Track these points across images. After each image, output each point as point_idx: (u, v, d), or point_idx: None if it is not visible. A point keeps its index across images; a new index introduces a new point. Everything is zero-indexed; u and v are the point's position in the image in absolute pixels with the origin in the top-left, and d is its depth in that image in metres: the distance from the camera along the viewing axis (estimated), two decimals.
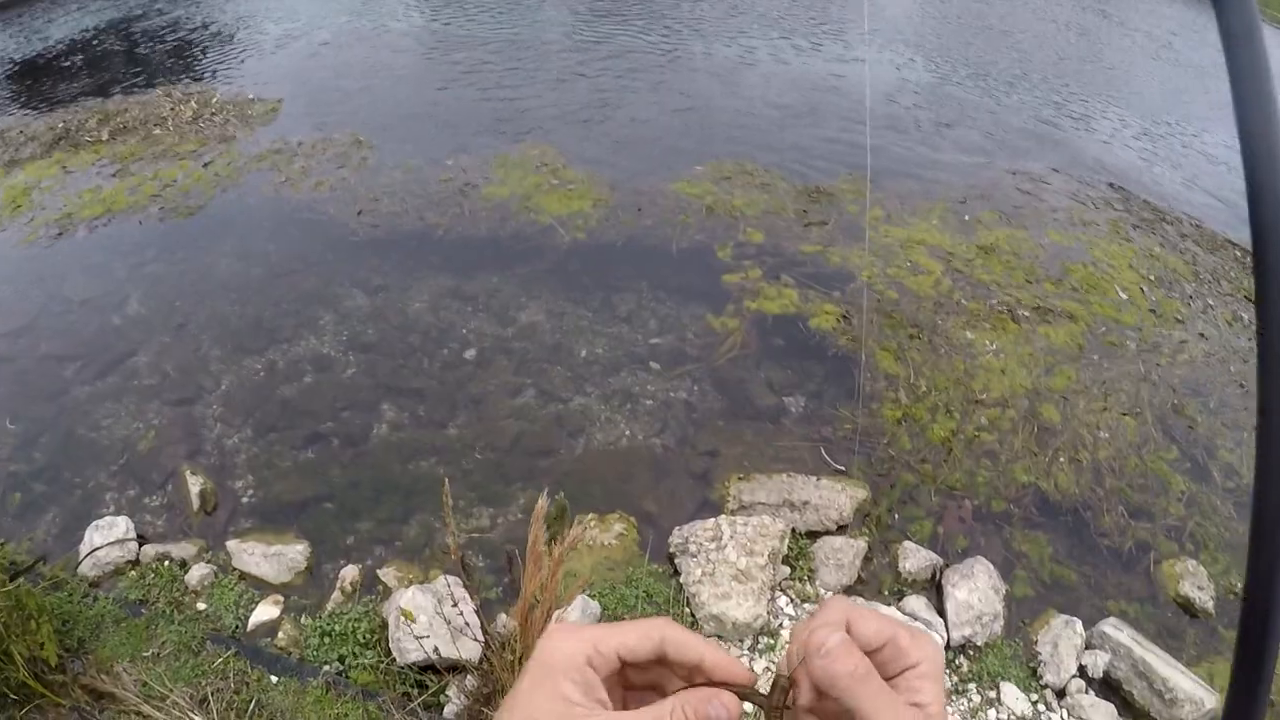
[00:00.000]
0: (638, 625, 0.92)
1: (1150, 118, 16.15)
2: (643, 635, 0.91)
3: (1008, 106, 14.89)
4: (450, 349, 7.82)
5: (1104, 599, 6.37)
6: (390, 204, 9.75)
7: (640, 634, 0.91)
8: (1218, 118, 16.63)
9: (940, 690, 0.89)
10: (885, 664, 0.89)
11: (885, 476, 6.90)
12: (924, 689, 0.88)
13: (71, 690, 4.94)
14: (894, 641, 0.89)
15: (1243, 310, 10.17)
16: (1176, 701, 5.46)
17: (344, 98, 12.80)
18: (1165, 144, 15.14)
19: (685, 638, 0.92)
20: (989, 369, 8.03)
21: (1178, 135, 15.68)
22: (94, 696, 4.97)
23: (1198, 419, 8.09)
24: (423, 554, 6.13)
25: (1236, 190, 13.47)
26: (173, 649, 5.29)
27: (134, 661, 5.19)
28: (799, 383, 7.67)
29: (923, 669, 0.88)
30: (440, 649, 4.94)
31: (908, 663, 0.88)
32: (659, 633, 0.91)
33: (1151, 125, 15.85)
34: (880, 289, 8.86)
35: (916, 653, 0.88)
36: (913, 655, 0.88)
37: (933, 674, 0.89)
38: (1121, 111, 16.06)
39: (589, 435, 7.12)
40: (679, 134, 12.01)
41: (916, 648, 0.89)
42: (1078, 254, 10.33)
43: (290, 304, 8.28)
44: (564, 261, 8.92)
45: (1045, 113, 15.00)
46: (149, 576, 5.79)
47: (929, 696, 0.87)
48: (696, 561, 5.81)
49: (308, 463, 6.80)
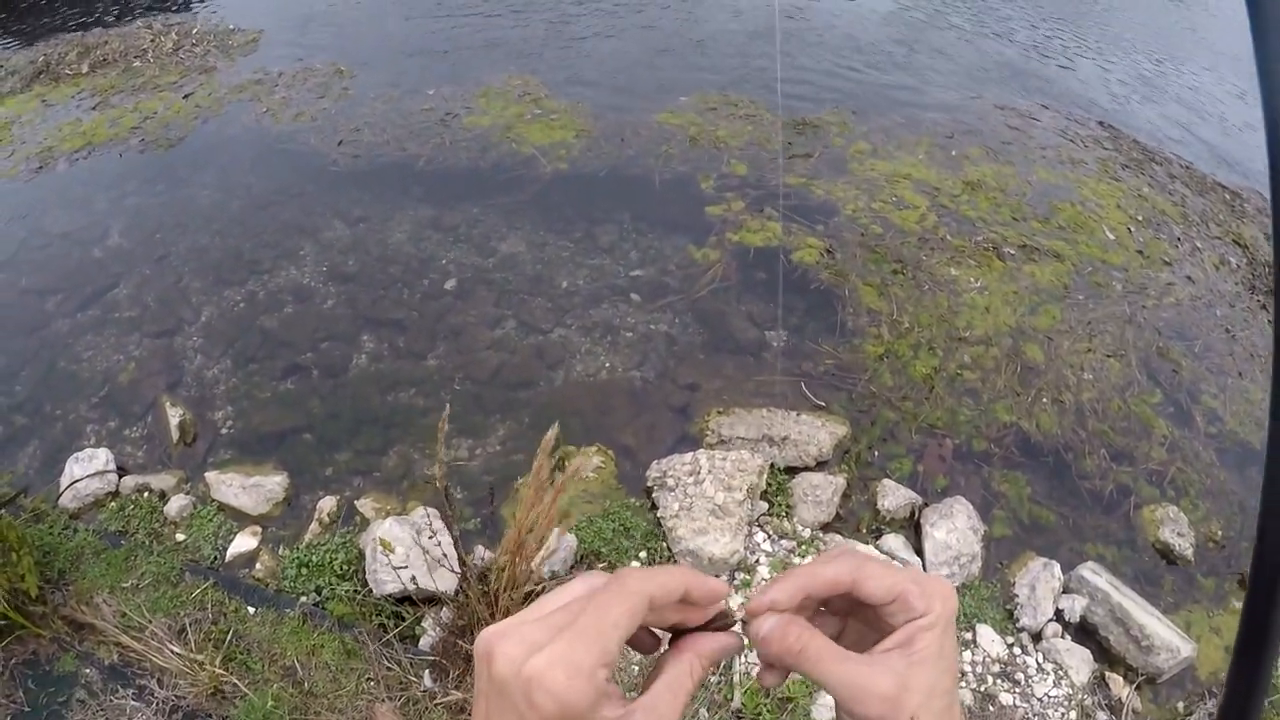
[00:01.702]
0: (619, 601, 0.80)
1: (1143, 57, 15.99)
2: (633, 611, 0.80)
3: (997, 41, 14.71)
4: (430, 280, 7.76)
5: (1083, 542, 6.37)
6: (371, 134, 9.64)
7: (630, 611, 0.80)
8: (1210, 59, 16.51)
9: (941, 639, 0.87)
10: (892, 615, 0.89)
11: (866, 413, 6.86)
12: (919, 639, 0.87)
13: (51, 621, 4.95)
14: (902, 596, 0.88)
15: (1230, 254, 10.12)
16: (1153, 649, 5.46)
17: (325, 28, 12.67)
18: (1157, 84, 15.00)
19: (663, 580, 0.85)
20: (973, 306, 7.97)
21: (1171, 76, 15.53)
22: (74, 627, 4.99)
23: (1182, 363, 8.05)
24: (401, 485, 6.13)
25: (1226, 133, 13.50)
26: (151, 580, 5.30)
27: (113, 592, 5.21)
28: (780, 316, 7.59)
29: (925, 620, 0.87)
30: (418, 580, 4.92)
31: (912, 615, 0.88)
32: (644, 599, 0.82)
33: (1144, 64, 15.70)
34: (864, 223, 8.77)
35: (922, 604, 0.87)
36: (918, 607, 0.88)
37: (936, 624, 0.87)
38: (1114, 49, 15.89)
39: (568, 367, 7.09)
40: (664, 65, 11.86)
41: (924, 599, 0.88)
42: (1065, 192, 10.24)
43: (271, 235, 8.22)
44: (545, 192, 8.82)
45: (1035, 48, 14.84)
46: (128, 508, 5.81)
47: (921, 644, 0.86)
48: (674, 495, 5.78)
49: (287, 394, 6.78)
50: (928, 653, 0.86)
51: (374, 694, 4.74)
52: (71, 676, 4.82)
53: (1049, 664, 5.45)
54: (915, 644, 0.86)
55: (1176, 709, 5.53)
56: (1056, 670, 5.42)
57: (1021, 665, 5.42)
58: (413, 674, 4.82)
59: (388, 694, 4.73)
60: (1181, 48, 16.85)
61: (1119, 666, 5.57)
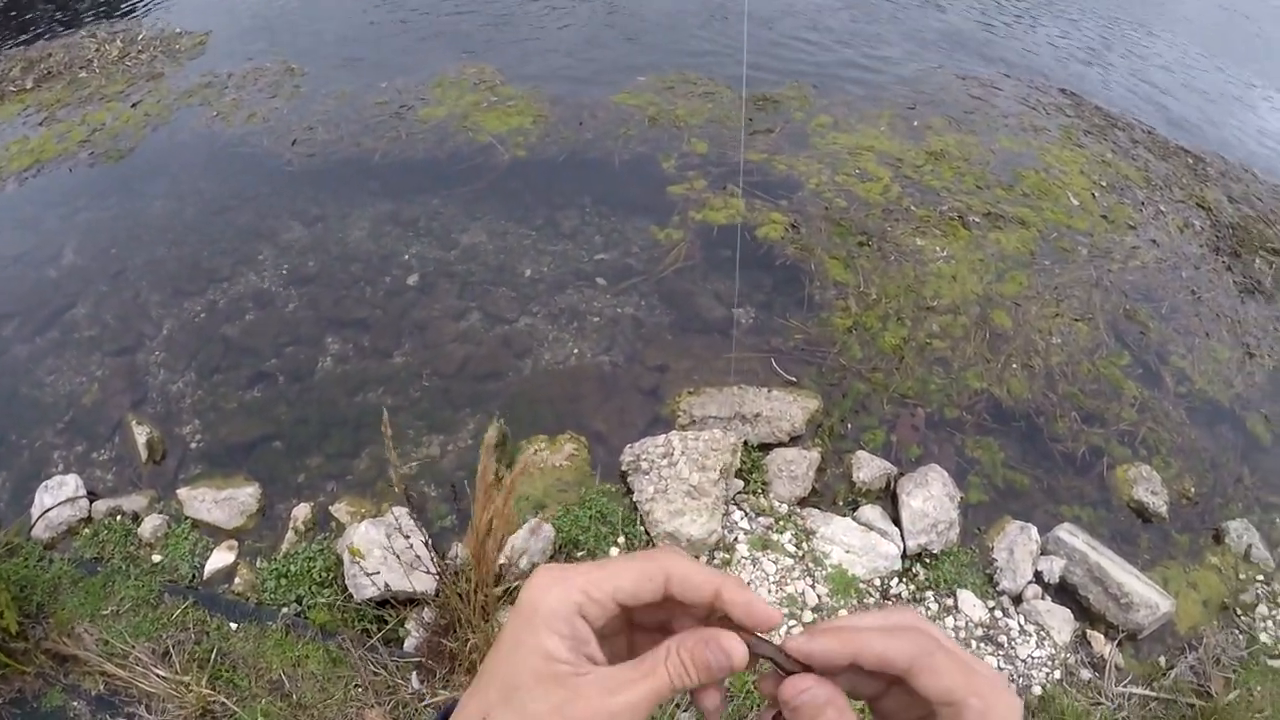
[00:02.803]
0: (637, 563, 0.81)
1: (1103, 23, 16.05)
2: (642, 575, 0.80)
3: (957, 12, 14.71)
4: (393, 276, 7.67)
5: (1058, 504, 6.40)
6: (325, 132, 9.51)
7: (639, 574, 0.80)
8: (1170, 25, 16.59)
9: None
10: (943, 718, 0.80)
11: (837, 386, 6.85)
12: None
13: (34, 657, 4.88)
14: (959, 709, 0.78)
15: (1194, 217, 10.17)
16: (1132, 606, 5.52)
17: (274, 25, 12.46)
18: (1119, 51, 15.05)
19: (693, 572, 0.82)
20: (940, 275, 7.96)
21: (1132, 42, 15.59)
22: (57, 660, 4.92)
23: (1150, 324, 8.08)
24: (374, 486, 6.07)
25: (1188, 98, 13.56)
26: (131, 604, 5.23)
27: (94, 621, 5.13)
28: (747, 293, 7.57)
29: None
30: (392, 584, 4.91)
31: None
32: (662, 571, 0.81)
33: (1106, 31, 15.76)
34: (828, 197, 8.75)
35: None
36: None
37: None
38: (1074, 17, 15.94)
39: (536, 356, 7.03)
40: (620, 46, 11.79)
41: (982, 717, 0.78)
42: (1029, 160, 10.26)
43: (228, 241, 8.09)
44: (505, 180, 8.73)
45: (996, 18, 14.85)
46: (102, 533, 5.71)
47: None
48: (649, 479, 5.75)
49: (254, 402, 6.68)
50: None
51: (362, 700, 4.70)
52: (59, 711, 4.74)
53: (1031, 625, 5.48)
54: None
55: (1158, 663, 5.57)
56: (1039, 631, 5.45)
57: (1004, 628, 5.44)
58: (399, 677, 4.78)
59: (376, 699, 4.69)
60: (1144, 15, 16.92)
61: (1100, 625, 5.62)
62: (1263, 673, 5.62)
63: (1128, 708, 5.20)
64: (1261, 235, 10.31)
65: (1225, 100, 14.61)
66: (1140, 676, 5.46)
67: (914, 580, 5.63)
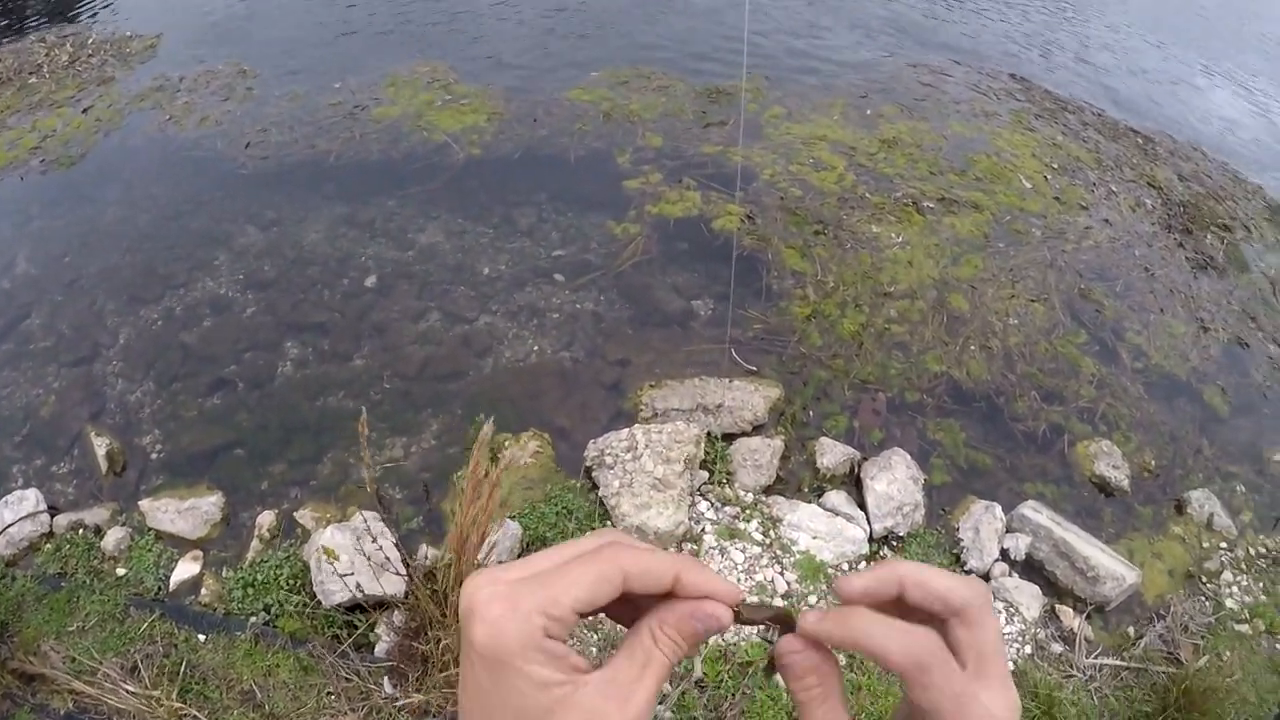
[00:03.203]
0: (589, 567, 0.77)
1: (1048, 8, 16.19)
2: (599, 579, 0.76)
3: (905, 1, 14.79)
4: (350, 278, 7.61)
5: (1021, 482, 6.46)
6: (279, 134, 9.42)
7: (595, 579, 0.76)
8: (1118, 8, 16.75)
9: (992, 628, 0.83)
10: None
11: (797, 374, 6.88)
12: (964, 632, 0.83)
13: (0, 677, 4.79)
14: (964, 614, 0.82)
15: (1145, 196, 10.29)
16: (1099, 579, 5.59)
17: (225, 27, 12.29)
18: (1064, 35, 15.18)
19: (649, 564, 0.79)
20: (896, 261, 8.01)
21: (1076, 26, 15.73)
22: (24, 680, 4.84)
23: (1105, 303, 8.17)
24: (338, 491, 6.00)
25: (1136, 79, 13.68)
26: (97, 619, 5.15)
27: (60, 638, 5.05)
28: (706, 285, 7.59)
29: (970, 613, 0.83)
30: (363, 586, 4.87)
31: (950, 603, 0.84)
32: (618, 571, 0.77)
33: (1049, 16, 15.89)
34: (783, 187, 8.79)
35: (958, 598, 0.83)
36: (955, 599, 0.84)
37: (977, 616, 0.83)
38: (1018, 3, 16.05)
39: (497, 354, 7.00)
40: (573, 41, 11.76)
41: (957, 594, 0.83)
42: (981, 145, 10.34)
43: (183, 247, 7.98)
44: (460, 178, 8.69)
45: (942, 5, 14.93)
46: (65, 548, 5.61)
47: None
48: (614, 473, 5.75)
49: (214, 410, 6.59)
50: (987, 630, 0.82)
51: (335, 707, 4.67)
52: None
53: (1000, 602, 5.54)
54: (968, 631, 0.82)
55: (1127, 634, 5.67)
56: (1008, 608, 5.51)
57: None
58: (372, 682, 4.75)
59: (349, 706, 4.66)
60: None
61: (1068, 598, 5.70)
62: (1231, 638, 5.73)
63: (1100, 679, 5.27)
64: (1212, 212, 10.43)
65: (1171, 81, 14.76)
66: (1110, 647, 5.54)
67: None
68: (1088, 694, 5.18)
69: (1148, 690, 5.25)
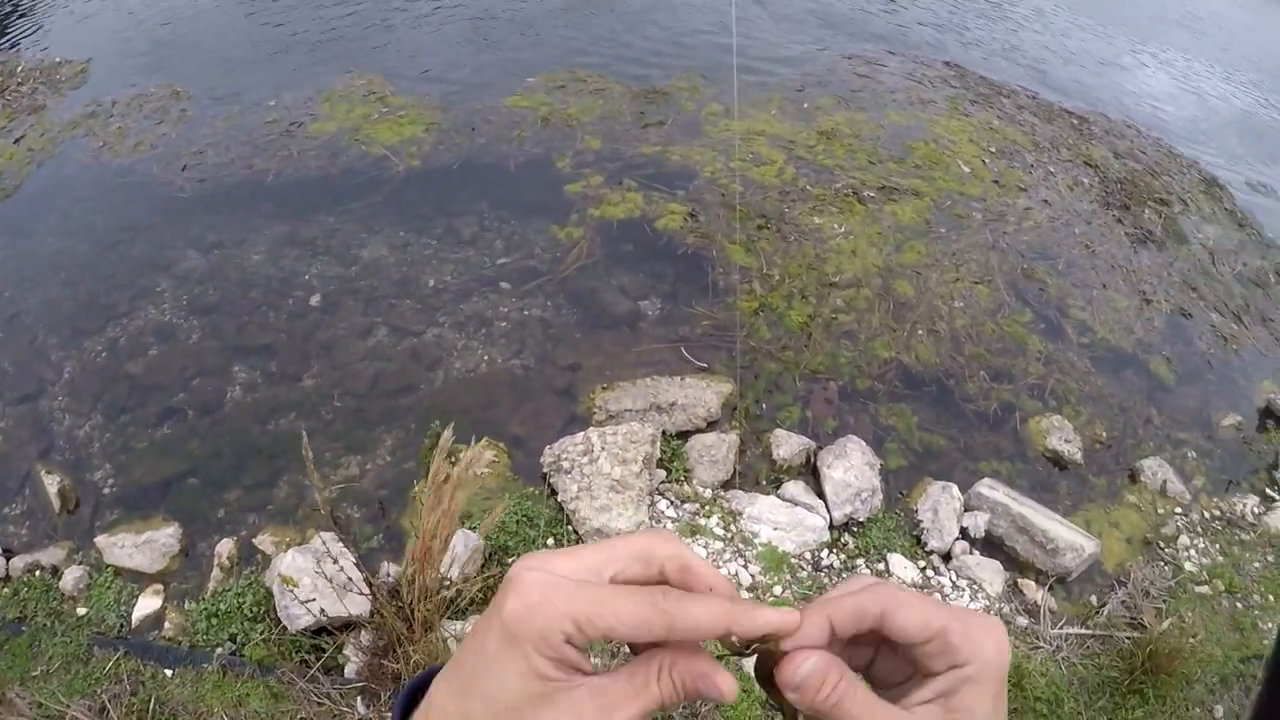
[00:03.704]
0: (640, 606, 0.73)
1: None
2: (642, 622, 0.73)
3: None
4: (295, 298, 7.53)
5: (976, 461, 6.53)
6: (215, 155, 9.29)
7: (639, 620, 0.73)
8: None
9: (986, 695, 0.77)
10: (932, 658, 0.77)
11: (748, 368, 6.89)
12: (963, 692, 0.76)
13: None
14: (943, 637, 0.76)
15: (1082, 175, 10.42)
16: (1059, 550, 5.67)
17: (155, 48, 12.10)
18: (994, 20, 15.35)
19: (700, 617, 0.74)
20: (840, 251, 8.05)
21: (1004, 12, 15.91)
22: None
23: (1048, 281, 8.26)
24: (296, 514, 5.92)
25: (1068, 61, 13.85)
26: (61, 662, 5.04)
27: (24, 684, 4.93)
28: (652, 285, 7.60)
29: (969, 671, 0.76)
30: (327, 609, 4.81)
31: (955, 661, 0.76)
32: (665, 621, 0.73)
33: (978, 3, 16.06)
34: (724, 183, 8.81)
35: (968, 650, 0.76)
36: (963, 653, 0.76)
37: (982, 679, 0.76)
38: None
39: (447, 366, 6.96)
40: (507, 48, 11.71)
41: (970, 645, 0.76)
42: (918, 132, 10.42)
43: (124, 275, 7.85)
44: (401, 191, 8.62)
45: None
46: (22, 591, 5.48)
47: (966, 701, 0.76)
48: (572, 478, 5.74)
49: (164, 440, 6.46)
50: (975, 713, 0.76)
51: None
52: None
53: (963, 580, 5.60)
54: (958, 698, 0.76)
55: (1090, 603, 5.76)
56: (971, 585, 5.57)
57: (937, 586, 5.55)
58: (345, 704, 4.70)
59: None
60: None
61: (1029, 572, 5.77)
62: (1191, 599, 5.83)
63: (1066, 648, 5.34)
64: (1149, 187, 10.58)
65: (1101, 61, 14.98)
66: (1075, 617, 5.62)
67: (844, 550, 5.69)
68: (1055, 664, 5.24)
69: (1114, 656, 5.32)
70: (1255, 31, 21.07)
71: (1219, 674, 5.38)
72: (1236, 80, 17.14)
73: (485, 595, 5.05)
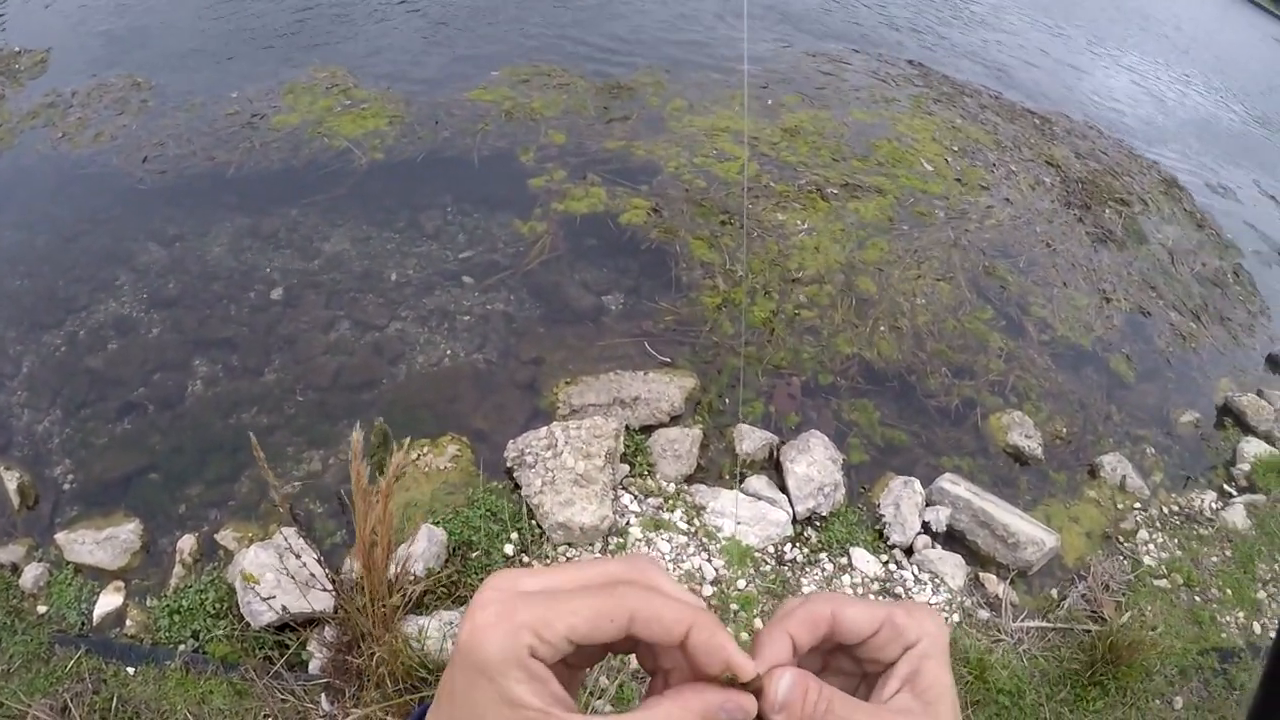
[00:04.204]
0: (596, 599, 0.72)
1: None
2: (601, 615, 0.71)
3: None
4: (256, 291, 7.46)
5: (938, 456, 6.58)
6: (176, 146, 9.18)
7: (597, 613, 0.71)
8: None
9: (943, 668, 0.79)
10: (883, 647, 0.79)
11: (711, 363, 6.90)
12: (924, 670, 0.78)
13: None
14: (889, 622, 0.79)
15: (1044, 175, 10.52)
16: (1019, 544, 5.73)
17: (117, 38, 11.90)
18: (961, 19, 15.44)
19: (659, 611, 0.72)
20: (803, 248, 8.08)
21: (968, 13, 16.00)
22: None
23: (1009, 278, 8.33)
24: (259, 509, 5.84)
25: (1031, 63, 13.95)
26: (22, 661, 4.95)
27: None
28: (615, 280, 7.61)
29: (922, 647, 0.78)
30: (289, 606, 4.78)
31: (907, 642, 0.79)
32: (625, 611, 0.71)
33: (942, 3, 16.15)
34: (688, 179, 8.83)
35: (915, 630, 0.79)
36: (911, 633, 0.78)
37: (934, 651, 0.79)
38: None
39: (409, 360, 6.92)
40: (471, 41, 11.69)
41: (914, 624, 0.79)
42: (882, 130, 10.48)
43: (83, 268, 7.73)
44: (364, 184, 8.57)
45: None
46: None
47: (930, 679, 0.77)
48: (535, 472, 5.72)
49: (125, 435, 6.36)
50: (940, 687, 0.77)
51: None
52: None
53: (925, 574, 5.64)
54: (922, 677, 0.77)
55: (1051, 596, 5.83)
56: (933, 579, 5.61)
57: (899, 580, 5.58)
58: (309, 700, 4.66)
59: None
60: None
61: (991, 566, 5.83)
62: (1150, 593, 5.92)
63: (1028, 641, 5.39)
64: (1109, 187, 10.69)
65: (1063, 62, 15.14)
66: (1035, 610, 5.68)
67: (807, 544, 5.71)
68: (1017, 656, 5.29)
69: (1075, 649, 5.38)
70: (1215, 34, 21.31)
71: (1178, 666, 5.46)
72: (1196, 82, 17.37)
73: (450, 590, 5.05)
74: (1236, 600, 6.09)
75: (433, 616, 4.83)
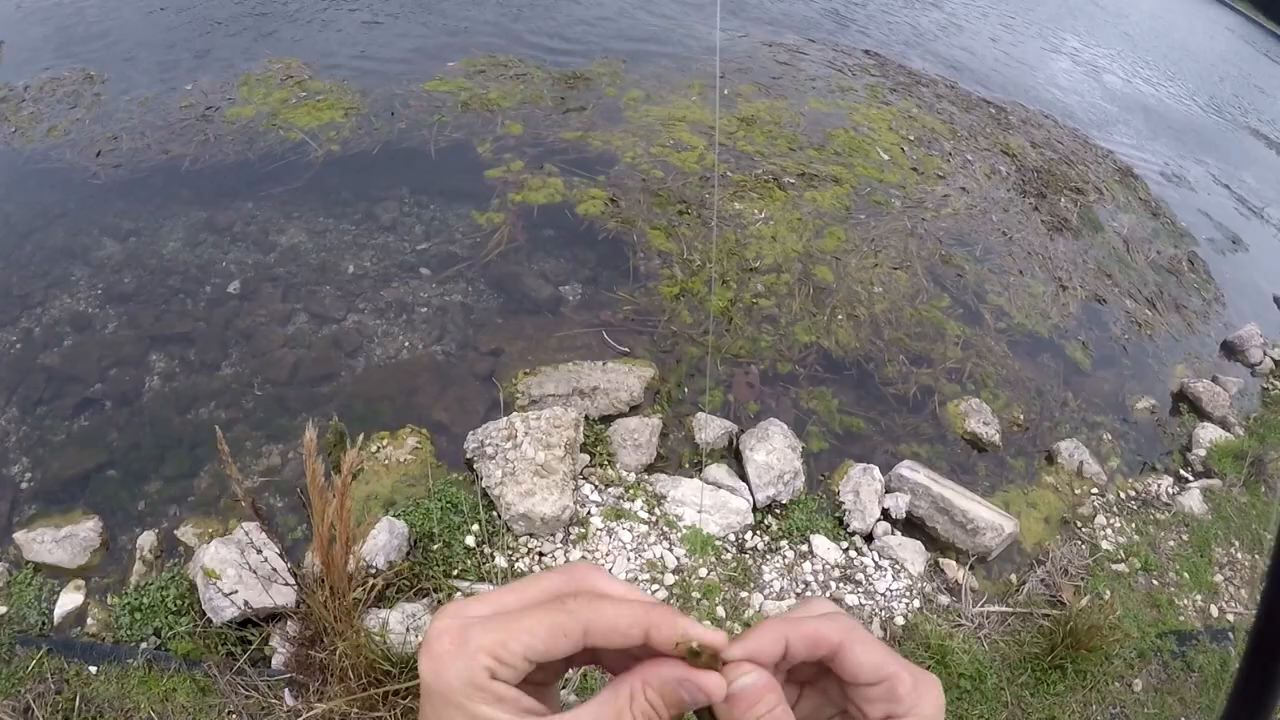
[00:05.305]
0: (549, 615, 0.71)
1: None
2: (556, 631, 0.70)
3: None
4: (213, 285, 7.39)
5: (897, 444, 6.62)
6: (131, 140, 9.07)
7: (552, 629, 0.70)
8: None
9: None
10: (874, 703, 0.77)
11: (670, 353, 6.91)
12: None
13: None
14: (890, 685, 0.76)
15: (1000, 164, 10.60)
16: (978, 530, 5.77)
17: (69, 31, 11.74)
18: (916, 10, 15.50)
19: (616, 618, 0.72)
20: (760, 237, 8.10)
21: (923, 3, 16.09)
22: None
23: (966, 267, 8.39)
24: (219, 505, 5.79)
25: (984, 51, 14.04)
26: None
27: None
28: (574, 270, 7.60)
29: None
30: (251, 601, 4.74)
31: (895, 710, 0.76)
32: (579, 625, 0.71)
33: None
34: (645, 169, 8.83)
35: (910, 702, 0.75)
36: (905, 704, 0.75)
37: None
38: None
39: (368, 353, 6.88)
40: (427, 32, 11.61)
41: (914, 697, 0.76)
42: (838, 120, 10.53)
43: (38, 264, 7.63)
44: (320, 176, 8.50)
45: None
46: None
47: None
48: (495, 463, 5.71)
49: (83, 432, 6.29)
50: None
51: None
52: None
53: (885, 560, 5.67)
54: None
55: (1010, 581, 5.89)
56: (893, 565, 5.64)
57: (860, 566, 5.60)
58: (273, 696, 4.63)
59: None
60: None
61: (950, 552, 5.88)
62: (1109, 577, 5.99)
63: (988, 625, 5.44)
64: (1065, 176, 10.78)
65: (1018, 52, 15.24)
66: (995, 595, 5.74)
67: (767, 532, 5.73)
68: (978, 641, 5.33)
69: (1035, 633, 5.43)
70: (1170, 25, 21.52)
71: (1137, 649, 5.53)
72: (1151, 72, 17.54)
73: (411, 582, 5.04)
74: (1194, 584, 6.18)
75: (394, 609, 4.81)
